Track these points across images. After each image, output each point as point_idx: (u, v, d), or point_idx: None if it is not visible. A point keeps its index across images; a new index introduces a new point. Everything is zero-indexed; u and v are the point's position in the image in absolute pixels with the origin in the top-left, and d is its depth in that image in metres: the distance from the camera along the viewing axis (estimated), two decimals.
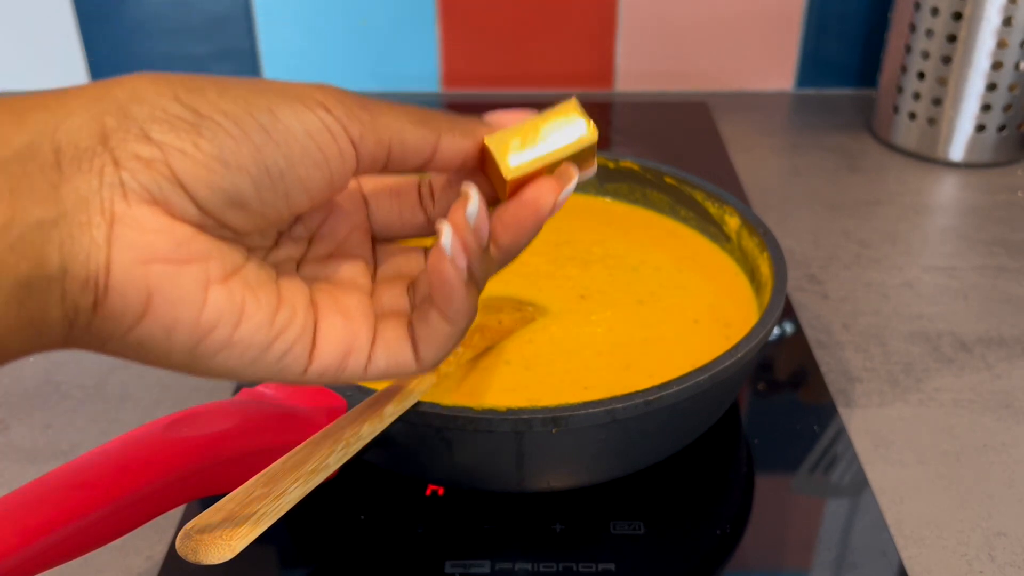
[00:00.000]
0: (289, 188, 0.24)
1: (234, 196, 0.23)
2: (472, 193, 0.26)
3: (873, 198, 0.72)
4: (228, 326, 0.24)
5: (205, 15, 0.86)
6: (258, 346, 0.24)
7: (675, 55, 0.89)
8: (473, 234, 0.25)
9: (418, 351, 0.27)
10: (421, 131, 0.26)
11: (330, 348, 0.26)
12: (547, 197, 0.27)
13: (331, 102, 0.24)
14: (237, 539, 0.27)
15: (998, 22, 0.70)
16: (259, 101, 0.23)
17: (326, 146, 0.24)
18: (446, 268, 0.25)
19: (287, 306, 0.25)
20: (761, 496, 0.45)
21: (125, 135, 0.22)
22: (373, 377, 0.27)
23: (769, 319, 0.43)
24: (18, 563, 0.30)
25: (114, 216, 0.21)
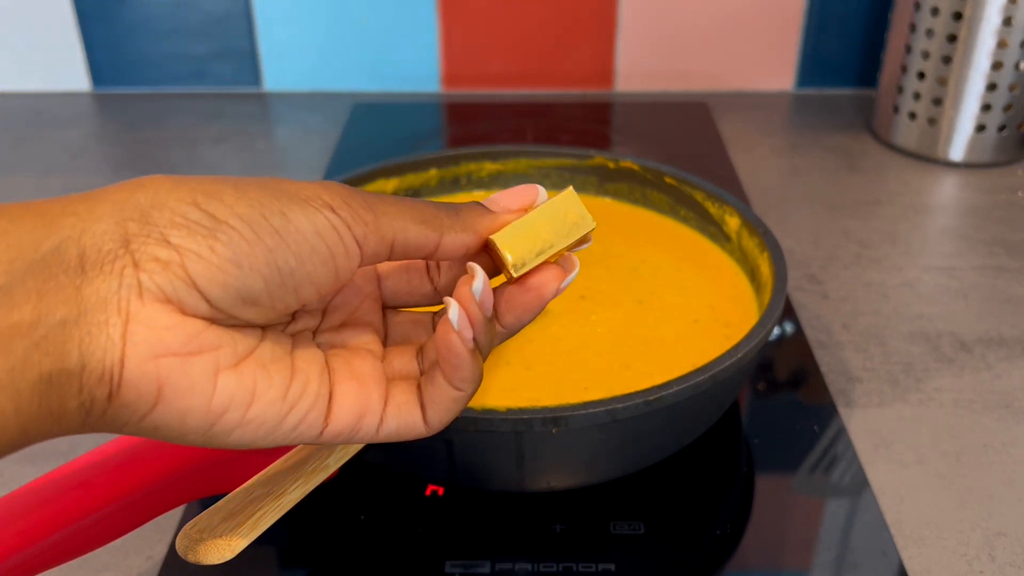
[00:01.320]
0: (298, 284, 0.25)
1: (246, 295, 0.24)
2: (477, 272, 0.27)
3: (873, 198, 0.72)
4: (240, 408, 0.25)
5: (205, 15, 0.86)
6: (272, 420, 0.26)
7: (675, 55, 0.89)
8: (478, 308, 0.27)
9: (426, 413, 0.28)
10: (424, 230, 0.27)
11: (344, 412, 0.27)
12: (551, 285, 0.29)
13: (337, 203, 0.26)
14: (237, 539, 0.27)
15: (998, 22, 0.70)
16: (273, 204, 0.25)
17: (333, 245, 0.25)
18: (453, 340, 0.27)
19: (300, 377, 0.27)
20: (761, 496, 0.45)
21: (146, 239, 0.23)
22: (383, 438, 0.28)
23: (769, 319, 0.43)
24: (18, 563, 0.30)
25: (129, 315, 0.23)
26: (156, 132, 0.83)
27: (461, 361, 0.27)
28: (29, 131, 0.83)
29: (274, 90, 0.90)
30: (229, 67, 0.88)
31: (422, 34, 0.87)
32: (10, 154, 0.80)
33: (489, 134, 0.82)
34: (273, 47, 0.88)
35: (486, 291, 0.27)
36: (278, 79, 0.89)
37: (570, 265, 0.29)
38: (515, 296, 0.29)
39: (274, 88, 0.90)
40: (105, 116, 0.86)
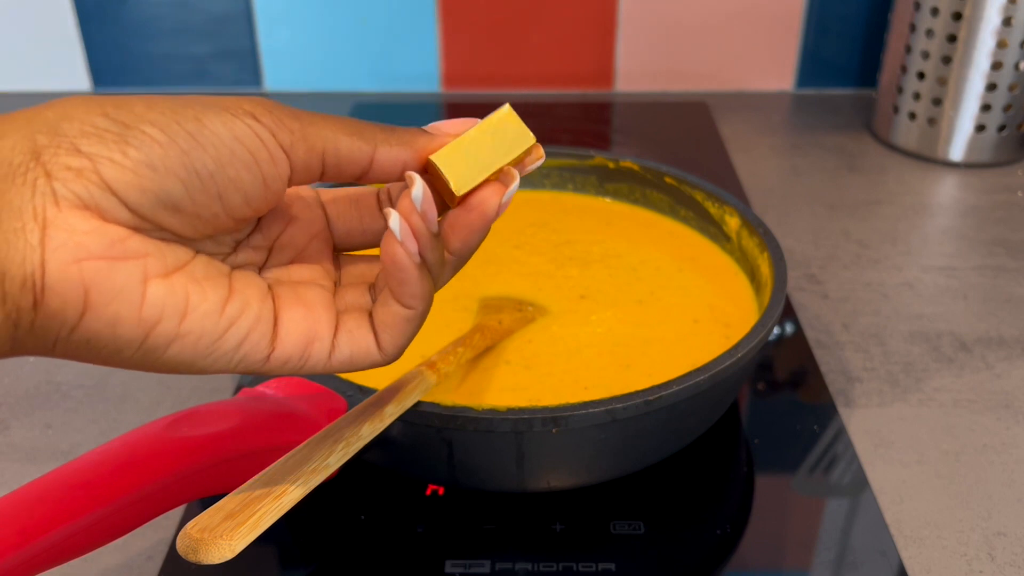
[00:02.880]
0: (221, 189, 0.25)
1: (165, 198, 0.24)
2: (415, 180, 0.27)
3: (873, 198, 0.72)
4: (173, 318, 0.25)
5: (205, 15, 0.86)
6: (210, 335, 0.25)
7: (675, 55, 0.89)
8: (421, 218, 0.27)
9: (380, 338, 0.28)
10: (355, 142, 0.27)
11: (292, 337, 0.27)
12: (492, 200, 0.28)
13: (260, 111, 0.25)
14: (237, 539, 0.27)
15: (998, 22, 0.70)
16: (185, 111, 0.24)
17: (255, 150, 0.25)
18: (397, 252, 0.26)
19: (239, 297, 0.26)
20: (761, 496, 0.45)
21: (56, 150, 0.23)
22: (337, 366, 0.28)
23: (769, 319, 0.43)
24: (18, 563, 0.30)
25: (46, 221, 0.23)
26: None
27: (408, 275, 0.27)
28: None
29: (274, 90, 0.90)
30: (230, 67, 0.88)
31: (422, 34, 0.87)
32: None
33: None
34: (273, 47, 0.88)
35: (426, 199, 0.27)
36: (278, 79, 0.89)
37: (509, 178, 0.29)
38: (458, 218, 0.29)
39: (274, 88, 0.90)
40: None
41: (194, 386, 0.51)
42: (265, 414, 0.38)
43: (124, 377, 0.52)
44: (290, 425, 0.38)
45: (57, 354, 0.24)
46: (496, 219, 0.29)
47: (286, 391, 0.40)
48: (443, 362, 0.40)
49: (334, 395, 0.39)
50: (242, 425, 0.37)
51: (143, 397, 0.51)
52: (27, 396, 0.51)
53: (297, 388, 0.40)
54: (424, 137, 0.28)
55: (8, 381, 0.52)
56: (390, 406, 0.35)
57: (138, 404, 0.50)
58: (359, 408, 0.35)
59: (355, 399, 0.38)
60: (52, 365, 0.54)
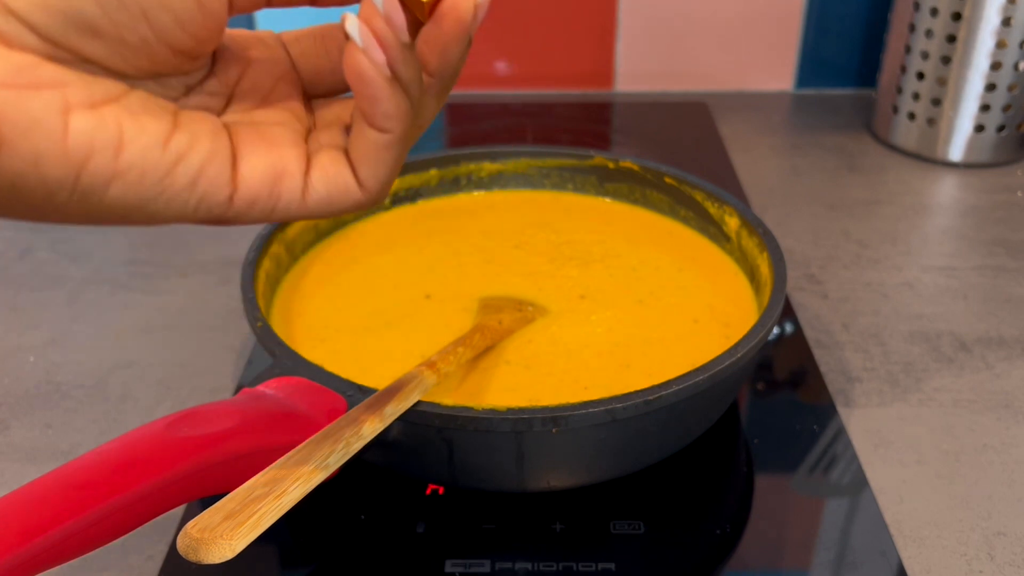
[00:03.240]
0: (145, 6, 0.22)
1: (75, 17, 0.21)
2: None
3: (873, 198, 0.72)
4: (106, 152, 0.22)
5: None
6: (153, 170, 0.23)
7: (675, 55, 0.89)
8: (385, 21, 0.23)
9: (358, 173, 0.25)
10: None
11: (256, 173, 0.24)
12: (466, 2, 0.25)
13: None
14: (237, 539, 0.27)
15: (997, 22, 0.70)
16: None
17: None
18: (360, 61, 0.23)
19: (186, 131, 0.24)
20: (761, 496, 0.45)
21: None
22: (315, 207, 0.25)
23: (769, 319, 0.43)
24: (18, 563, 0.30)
25: None
26: None
27: (377, 90, 0.24)
28: None
29: None
30: None
31: None
32: None
33: (489, 134, 0.82)
34: None
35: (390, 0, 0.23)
36: None
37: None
38: (432, 31, 0.25)
39: None
40: None
41: (194, 386, 0.52)
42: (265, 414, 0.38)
43: (124, 377, 0.52)
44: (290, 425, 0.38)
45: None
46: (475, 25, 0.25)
47: (286, 391, 0.40)
48: (443, 362, 0.40)
49: (334, 395, 0.39)
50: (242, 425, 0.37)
51: (143, 397, 0.51)
52: (27, 396, 0.51)
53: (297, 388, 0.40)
54: None
55: (8, 381, 0.52)
56: (390, 406, 0.35)
57: (138, 404, 0.50)
58: (359, 408, 0.35)
59: (355, 399, 0.38)
60: (52, 365, 0.54)
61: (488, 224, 0.57)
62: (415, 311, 0.49)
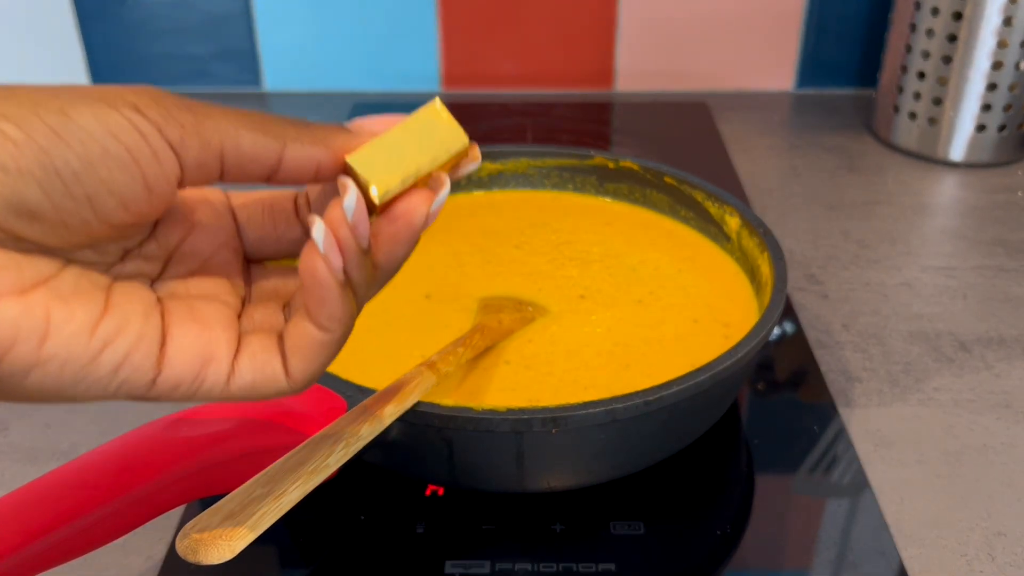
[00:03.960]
0: (90, 193, 0.21)
1: (18, 204, 0.21)
2: (349, 187, 0.24)
3: (873, 198, 0.72)
4: (30, 340, 0.21)
5: (205, 15, 0.86)
6: (77, 359, 0.22)
7: (675, 55, 0.89)
8: (349, 231, 0.24)
9: (288, 364, 0.25)
10: (260, 138, 0.23)
11: (182, 357, 0.24)
12: (419, 210, 0.25)
13: (144, 102, 0.22)
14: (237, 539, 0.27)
15: (998, 22, 0.70)
16: (50, 103, 0.21)
17: (134, 147, 0.22)
18: (318, 265, 0.23)
19: (116, 314, 0.23)
20: (761, 496, 0.45)
21: None
22: (237, 393, 0.25)
23: (769, 319, 0.43)
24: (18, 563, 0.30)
25: None
26: None
27: (328, 292, 0.23)
28: None
29: (274, 90, 0.90)
30: (229, 67, 0.88)
31: (422, 34, 0.87)
32: None
33: (489, 134, 0.82)
34: (273, 47, 0.88)
35: (359, 210, 0.24)
36: (278, 79, 0.89)
37: (438, 184, 0.26)
38: (382, 229, 0.25)
39: (274, 88, 0.90)
40: None
41: None
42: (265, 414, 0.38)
43: None
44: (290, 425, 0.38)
45: None
46: (424, 229, 0.26)
47: None
48: (443, 362, 0.40)
49: (334, 395, 0.39)
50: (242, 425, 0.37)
51: None
52: None
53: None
54: (343, 135, 0.25)
55: None
56: (390, 406, 0.35)
57: (138, 404, 0.50)
58: (359, 408, 0.35)
59: (355, 399, 0.38)
60: None
61: (488, 224, 0.57)
62: (415, 311, 0.49)
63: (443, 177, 0.26)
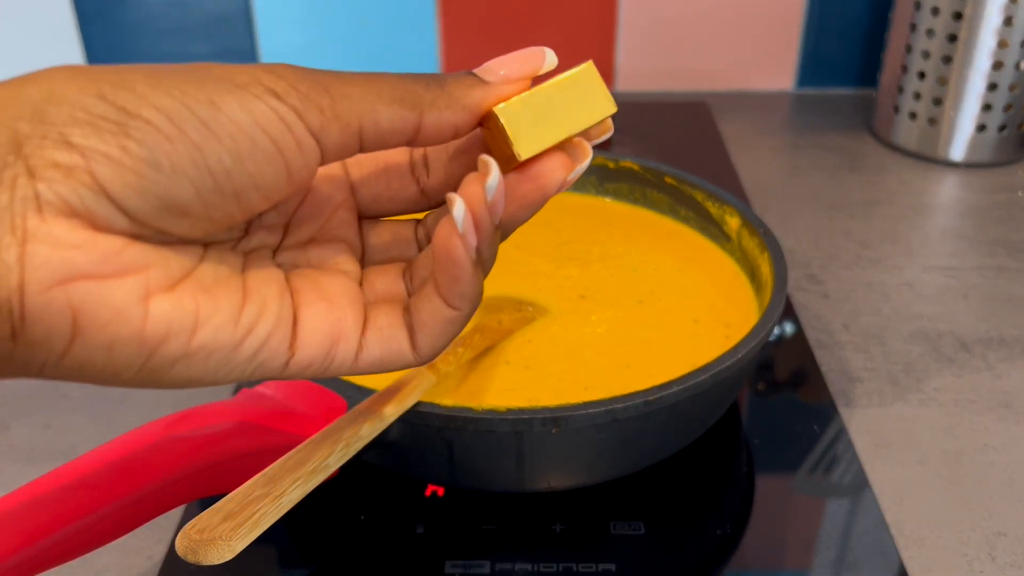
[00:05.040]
0: (238, 188, 0.21)
1: (170, 203, 0.20)
2: (491, 166, 0.23)
3: (873, 198, 0.72)
4: (182, 335, 0.21)
5: (205, 15, 0.86)
6: (224, 349, 0.22)
7: (675, 55, 0.89)
8: (487, 210, 0.23)
9: (415, 339, 0.25)
10: (398, 111, 0.23)
11: (314, 338, 0.24)
12: (557, 174, 0.25)
13: (282, 88, 0.21)
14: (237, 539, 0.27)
15: (999, 22, 0.70)
16: (197, 92, 0.20)
17: (280, 138, 0.21)
18: (456, 246, 0.23)
19: (255, 299, 0.23)
20: (761, 496, 0.45)
21: (41, 141, 0.19)
22: (365, 368, 0.25)
23: (769, 319, 0.43)
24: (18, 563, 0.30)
25: (27, 233, 0.19)
26: None
27: (462, 272, 0.23)
28: None
29: None
30: None
31: (422, 34, 0.87)
32: None
33: None
34: (273, 47, 0.88)
35: (500, 190, 0.23)
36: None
37: (580, 154, 0.25)
38: (514, 186, 0.24)
39: None
40: None
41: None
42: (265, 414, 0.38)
43: None
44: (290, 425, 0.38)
45: (45, 377, 0.21)
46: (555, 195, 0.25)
47: (285, 391, 0.40)
48: (443, 362, 0.40)
49: (334, 395, 0.39)
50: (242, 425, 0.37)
51: (143, 397, 0.51)
52: (26, 396, 0.51)
53: (296, 388, 0.40)
54: (479, 90, 0.24)
55: (7, 381, 0.52)
56: (390, 406, 0.35)
57: (138, 404, 0.50)
58: (359, 408, 0.35)
59: (355, 399, 0.38)
60: None
61: None
62: None
63: (586, 146, 0.25)
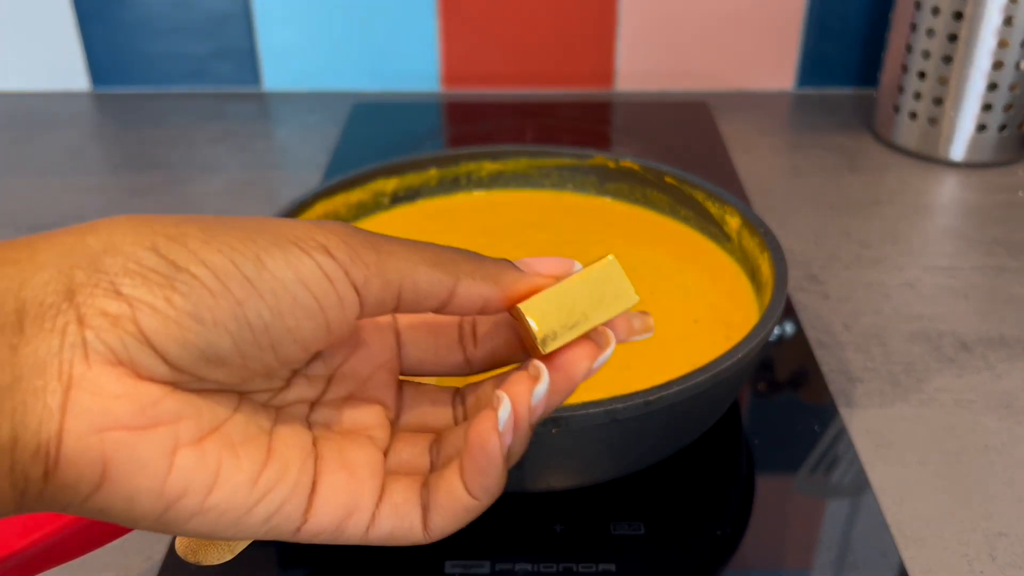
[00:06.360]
0: (275, 340, 0.22)
1: (210, 354, 0.21)
2: (543, 372, 0.24)
3: (874, 198, 0.72)
4: (199, 492, 0.22)
5: (205, 15, 0.86)
6: (237, 509, 0.22)
7: (675, 55, 0.89)
8: (529, 413, 0.24)
9: (428, 518, 0.25)
10: (437, 275, 0.24)
11: (329, 509, 0.24)
12: (583, 364, 0.25)
13: (334, 243, 0.22)
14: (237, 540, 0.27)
15: (999, 21, 0.70)
16: (247, 249, 0.21)
17: (323, 295, 0.22)
18: (491, 442, 0.23)
19: (277, 462, 0.23)
20: (761, 496, 0.45)
21: (93, 290, 0.20)
22: (374, 541, 0.25)
23: (769, 319, 0.43)
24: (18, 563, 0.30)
25: (72, 380, 0.20)
26: (155, 132, 0.83)
27: (492, 467, 0.24)
28: (28, 131, 0.83)
29: (274, 90, 0.90)
30: (229, 67, 0.88)
31: (422, 34, 0.87)
32: (9, 154, 0.79)
33: (489, 134, 0.82)
34: (273, 46, 0.88)
35: (545, 397, 0.24)
36: (278, 79, 0.89)
37: (604, 340, 0.26)
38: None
39: (274, 88, 0.90)
40: (104, 116, 0.86)
41: None
42: None
43: None
44: None
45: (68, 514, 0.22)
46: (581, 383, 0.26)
47: None
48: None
49: None
50: None
51: None
52: None
53: None
54: (512, 273, 0.25)
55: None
56: None
57: None
58: None
59: None
60: None
61: (488, 224, 0.57)
62: None
63: (608, 334, 0.26)
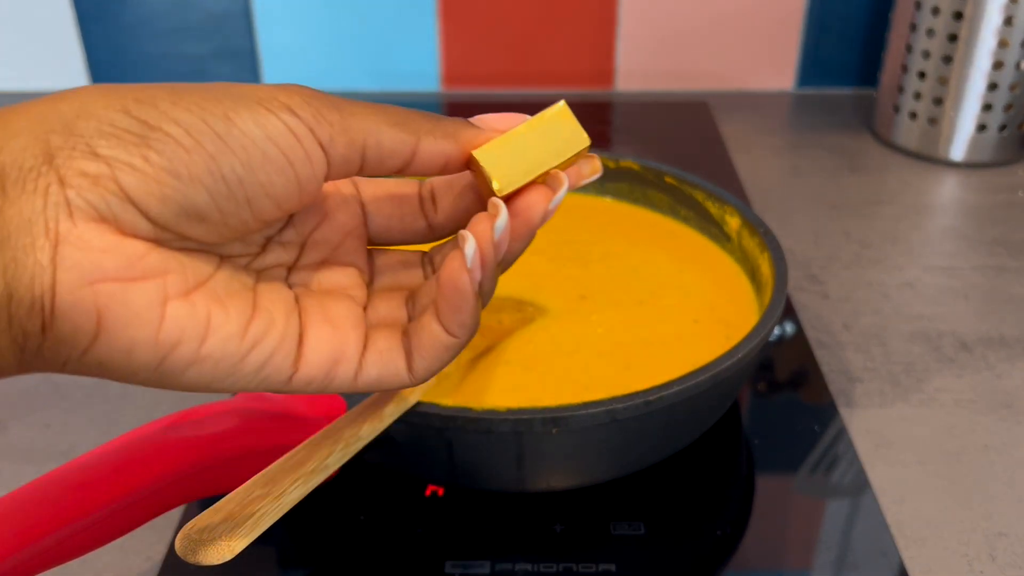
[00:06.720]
0: (250, 195, 0.23)
1: (189, 208, 0.22)
2: (501, 208, 0.25)
3: (874, 198, 0.72)
4: (193, 341, 0.23)
5: (205, 15, 0.86)
6: (231, 358, 0.24)
7: (675, 55, 0.89)
8: (493, 248, 0.25)
9: (412, 361, 0.27)
10: (399, 133, 0.25)
11: (317, 357, 0.26)
12: (538, 206, 0.27)
13: (297, 103, 0.23)
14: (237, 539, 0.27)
15: (999, 21, 0.70)
16: (215, 107, 0.22)
17: (290, 150, 0.23)
18: (462, 279, 0.25)
19: (263, 315, 0.25)
20: (761, 496, 0.45)
21: (71, 152, 0.21)
22: (363, 387, 0.27)
23: (769, 319, 0.43)
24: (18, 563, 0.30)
25: (59, 236, 0.21)
26: None
27: (465, 303, 0.25)
28: None
29: None
30: (229, 67, 0.88)
31: (421, 33, 0.87)
32: None
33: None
34: (273, 47, 0.88)
35: (507, 230, 0.26)
36: (278, 79, 0.89)
37: (557, 183, 0.27)
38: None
39: None
40: None
41: None
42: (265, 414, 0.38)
43: None
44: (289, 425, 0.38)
45: (67, 372, 0.23)
46: (541, 225, 0.27)
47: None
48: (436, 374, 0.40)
49: (334, 395, 0.39)
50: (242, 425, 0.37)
51: (143, 397, 0.51)
52: (26, 396, 0.51)
53: None
54: (470, 130, 0.26)
55: (7, 381, 0.52)
56: (389, 406, 0.35)
57: (138, 404, 0.50)
58: (358, 408, 0.35)
59: (354, 400, 0.38)
60: None
61: None
62: None
63: (561, 176, 0.27)
